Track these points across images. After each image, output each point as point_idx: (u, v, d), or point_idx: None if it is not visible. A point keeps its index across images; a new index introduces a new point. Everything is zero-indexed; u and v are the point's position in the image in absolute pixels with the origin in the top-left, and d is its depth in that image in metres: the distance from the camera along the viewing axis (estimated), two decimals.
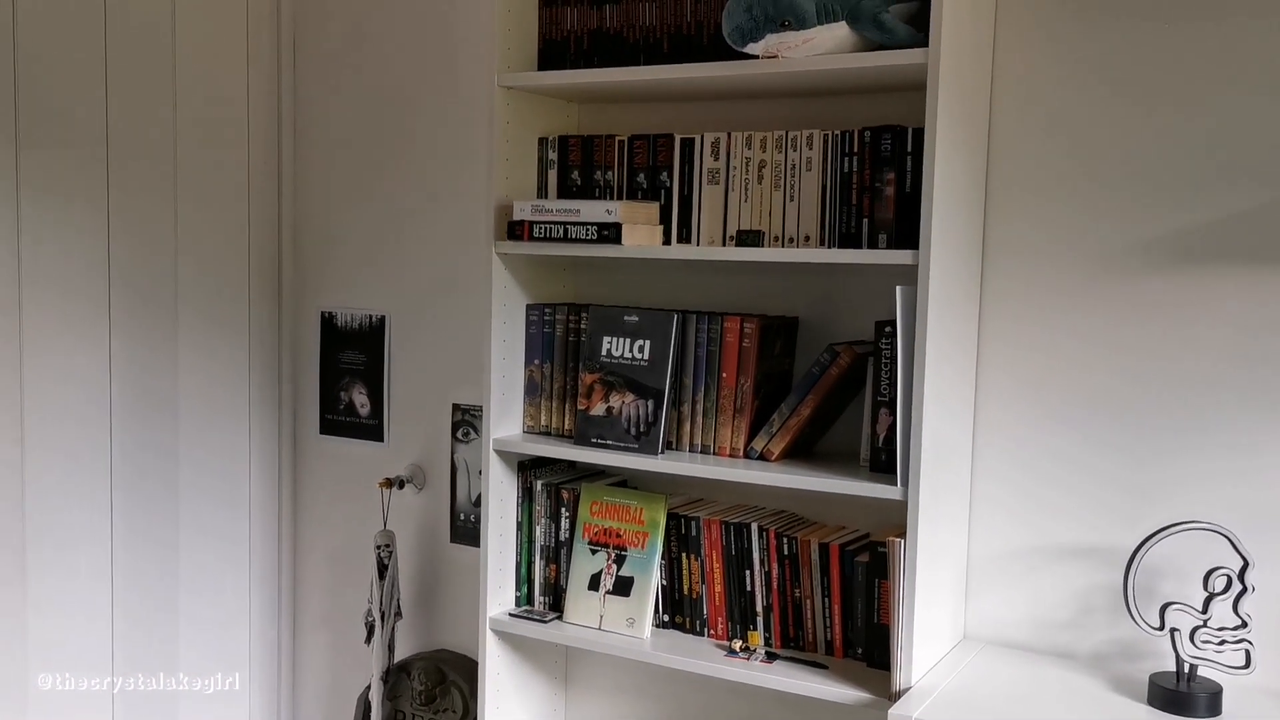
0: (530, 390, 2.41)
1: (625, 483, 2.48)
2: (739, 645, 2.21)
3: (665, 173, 2.26)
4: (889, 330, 2.01)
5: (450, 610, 2.84)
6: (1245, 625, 1.88)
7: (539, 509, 2.42)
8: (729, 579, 2.25)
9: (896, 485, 1.96)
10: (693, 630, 2.30)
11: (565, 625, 2.34)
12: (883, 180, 2.03)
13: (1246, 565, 1.87)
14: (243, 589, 2.99)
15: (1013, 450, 2.16)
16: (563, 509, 2.39)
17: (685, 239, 2.25)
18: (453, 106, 2.73)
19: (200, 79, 2.79)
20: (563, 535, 2.40)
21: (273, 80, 2.94)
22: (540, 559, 2.42)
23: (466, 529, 2.79)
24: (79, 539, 2.62)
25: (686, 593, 2.30)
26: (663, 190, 2.26)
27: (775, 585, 2.21)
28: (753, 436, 2.19)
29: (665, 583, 2.32)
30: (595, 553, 2.34)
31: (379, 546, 2.73)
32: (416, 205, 2.80)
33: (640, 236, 2.20)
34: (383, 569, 2.72)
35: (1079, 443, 2.11)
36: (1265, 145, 1.94)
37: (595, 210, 2.20)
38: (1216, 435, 2.00)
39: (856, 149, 2.06)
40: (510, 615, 2.39)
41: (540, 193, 2.41)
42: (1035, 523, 2.15)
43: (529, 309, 2.40)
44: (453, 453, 2.80)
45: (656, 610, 2.32)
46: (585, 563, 2.35)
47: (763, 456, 2.17)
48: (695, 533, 2.28)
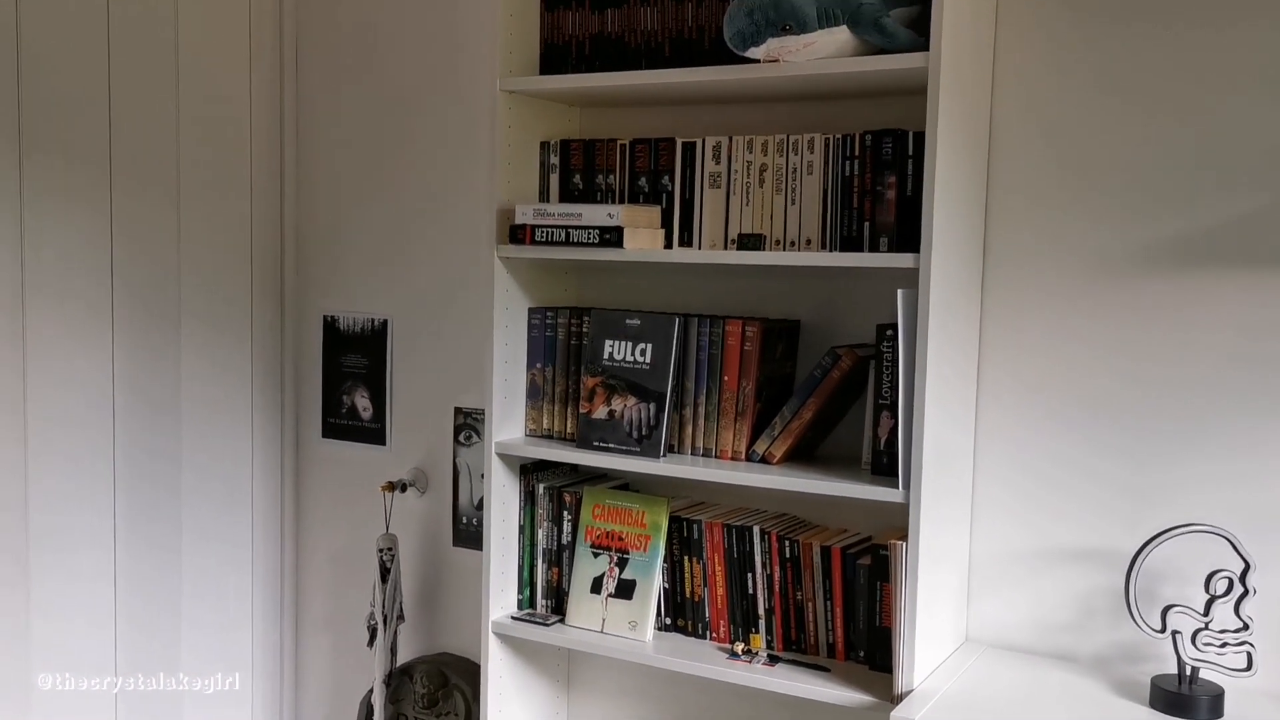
0: (532, 393, 2.41)
1: (627, 486, 2.48)
2: (741, 648, 2.21)
3: (667, 176, 2.26)
4: (890, 333, 2.01)
5: (452, 613, 2.84)
6: (1247, 628, 1.88)
7: (541, 512, 2.42)
8: (731, 582, 2.26)
9: (898, 488, 1.96)
10: (695, 633, 2.30)
11: (567, 628, 2.34)
12: (884, 184, 2.03)
13: (1248, 568, 1.87)
14: (245, 592, 2.99)
15: (1014, 453, 2.16)
16: (565, 512, 2.40)
17: (687, 242, 2.25)
18: (455, 110, 2.73)
19: (202, 85, 2.80)
20: (565, 538, 2.40)
21: (275, 84, 2.94)
22: (542, 562, 2.43)
23: (469, 532, 2.79)
24: (82, 542, 2.62)
25: (689, 596, 2.31)
26: (664, 194, 2.27)
27: (777, 588, 2.21)
28: (754, 439, 2.19)
29: (667, 586, 2.32)
30: (597, 556, 2.34)
31: (381, 550, 2.73)
32: (419, 209, 2.81)
33: (642, 240, 2.20)
34: (385, 572, 2.72)
35: (1080, 445, 2.11)
36: (1265, 149, 1.94)
37: (597, 214, 2.20)
38: (1217, 437, 2.00)
39: (857, 153, 2.06)
40: (512, 618, 2.39)
41: (542, 196, 2.42)
42: (1037, 525, 2.15)
43: (531, 312, 2.41)
44: (455, 456, 2.80)
45: (659, 613, 2.32)
46: (587, 566, 2.35)
47: (764, 459, 2.17)
48: (697, 536, 2.28)
